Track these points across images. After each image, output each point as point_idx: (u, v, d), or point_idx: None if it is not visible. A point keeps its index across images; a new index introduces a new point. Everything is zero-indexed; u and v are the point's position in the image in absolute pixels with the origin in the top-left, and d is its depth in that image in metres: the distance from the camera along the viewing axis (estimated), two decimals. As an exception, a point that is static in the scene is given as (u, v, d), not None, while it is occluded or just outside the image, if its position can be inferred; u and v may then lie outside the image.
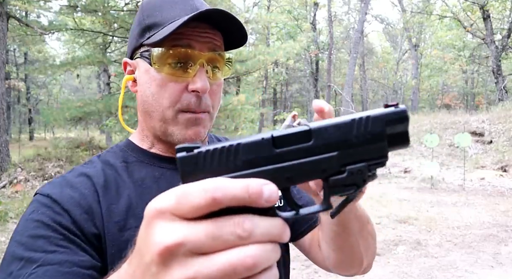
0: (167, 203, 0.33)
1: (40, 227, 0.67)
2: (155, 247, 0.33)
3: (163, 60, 0.76)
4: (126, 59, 0.87)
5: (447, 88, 35.72)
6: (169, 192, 0.34)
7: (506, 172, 11.19)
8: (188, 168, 0.37)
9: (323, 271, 4.54)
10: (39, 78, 26.84)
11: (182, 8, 0.78)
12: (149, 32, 0.79)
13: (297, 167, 0.38)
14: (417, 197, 8.55)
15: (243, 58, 12.22)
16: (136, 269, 0.37)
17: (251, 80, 27.85)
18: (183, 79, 0.77)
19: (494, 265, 4.69)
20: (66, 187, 0.74)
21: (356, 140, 0.39)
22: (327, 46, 27.30)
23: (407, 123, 0.41)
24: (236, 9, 15.64)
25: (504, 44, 19.83)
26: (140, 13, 0.83)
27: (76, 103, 10.93)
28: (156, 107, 0.79)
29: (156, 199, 0.34)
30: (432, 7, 26.21)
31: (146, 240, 0.34)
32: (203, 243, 0.32)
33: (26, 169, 10.23)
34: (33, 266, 0.62)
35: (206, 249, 0.32)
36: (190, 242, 0.32)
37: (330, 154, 0.39)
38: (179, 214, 0.33)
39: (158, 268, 0.33)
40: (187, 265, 0.32)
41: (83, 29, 12.76)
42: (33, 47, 23.03)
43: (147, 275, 0.35)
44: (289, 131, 0.39)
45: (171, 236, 0.32)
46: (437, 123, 15.52)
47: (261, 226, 0.34)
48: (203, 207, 0.32)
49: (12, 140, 19.15)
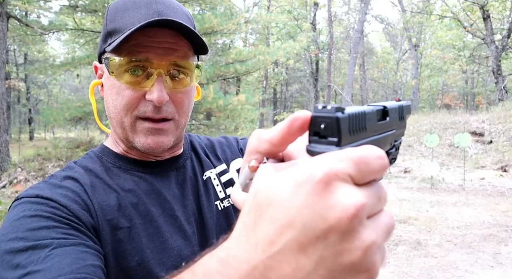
0: (345, 166, 0.31)
1: (39, 220, 0.63)
2: (345, 210, 0.30)
3: (119, 69, 0.75)
4: (95, 63, 0.86)
5: (447, 88, 35.72)
6: (338, 154, 0.32)
7: (506, 172, 11.19)
8: (345, 130, 0.35)
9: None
10: (39, 78, 26.83)
11: (144, 13, 0.75)
12: (110, 38, 0.78)
13: (385, 139, 0.44)
14: (417, 197, 8.54)
15: (243, 58, 12.23)
16: (294, 246, 0.30)
17: (251, 80, 27.87)
18: (140, 88, 0.76)
19: (494, 265, 4.69)
20: (55, 188, 0.72)
21: (400, 122, 0.48)
22: (327, 46, 27.28)
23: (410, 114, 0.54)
24: (236, 9, 15.63)
25: (504, 44, 19.82)
26: (105, 17, 0.81)
27: (76, 103, 10.93)
28: (116, 114, 0.78)
29: (329, 160, 0.31)
30: (432, 7, 26.20)
31: (322, 206, 0.30)
32: (375, 205, 0.32)
33: (26, 169, 10.23)
34: (46, 250, 0.57)
35: (373, 212, 0.32)
36: (368, 205, 0.31)
37: (394, 131, 0.46)
38: (356, 178, 0.31)
39: (342, 235, 0.30)
40: (370, 226, 0.31)
41: (83, 29, 12.75)
42: (33, 47, 23.04)
43: (318, 248, 0.30)
44: (379, 106, 0.43)
45: (357, 197, 0.30)
46: (437, 123, 15.52)
47: (384, 192, 0.35)
48: (378, 173, 0.32)
49: (12, 140, 19.15)
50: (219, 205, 0.89)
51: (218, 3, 12.32)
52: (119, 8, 0.79)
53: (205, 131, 12.23)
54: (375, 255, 0.31)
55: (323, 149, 0.34)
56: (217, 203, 0.89)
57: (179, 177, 0.87)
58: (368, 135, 0.39)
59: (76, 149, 13.33)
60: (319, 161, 0.31)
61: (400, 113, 0.48)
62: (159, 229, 0.77)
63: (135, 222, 0.76)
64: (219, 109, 10.50)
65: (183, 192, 0.85)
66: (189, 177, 0.89)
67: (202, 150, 0.97)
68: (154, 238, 0.76)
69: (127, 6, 0.78)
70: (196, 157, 0.95)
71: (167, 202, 0.81)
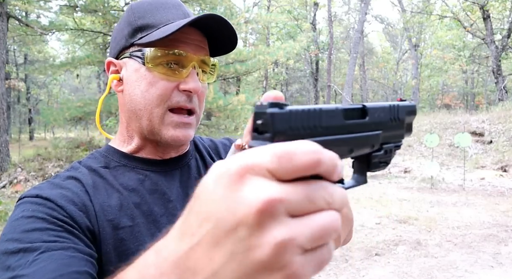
0: (264, 159, 0.30)
1: (34, 221, 0.65)
2: (252, 204, 0.29)
3: (156, 60, 0.79)
4: (110, 59, 0.87)
5: (447, 88, 35.72)
6: (261, 148, 0.31)
7: (506, 172, 11.19)
8: (280, 126, 0.34)
9: (323, 271, 4.54)
10: (39, 78, 26.83)
11: (175, 13, 0.82)
12: (141, 33, 0.81)
13: (358, 139, 0.41)
14: (417, 197, 8.54)
15: (243, 58, 12.23)
16: (205, 239, 0.31)
17: (251, 80, 27.86)
18: (175, 79, 0.80)
19: (494, 265, 4.68)
20: (56, 188, 0.73)
21: (391, 123, 0.45)
22: (327, 46, 27.29)
23: (415, 116, 0.50)
24: (236, 9, 15.63)
25: (504, 44, 19.82)
26: (130, 15, 0.84)
27: (76, 103, 10.94)
28: (145, 105, 0.80)
29: (245, 155, 0.31)
30: (432, 7, 26.20)
31: (232, 200, 0.30)
32: (300, 204, 0.31)
33: (26, 169, 10.23)
34: (35, 254, 0.59)
35: (300, 211, 0.31)
36: (289, 201, 0.30)
37: (377, 132, 0.43)
38: (276, 173, 0.30)
39: (250, 230, 0.29)
40: (286, 224, 0.30)
41: (83, 29, 12.76)
42: (33, 47, 23.04)
43: (229, 242, 0.30)
44: (354, 105, 0.41)
45: (270, 191, 0.29)
46: (437, 123, 15.52)
47: (339, 194, 0.34)
48: (306, 169, 0.31)
49: (12, 140, 19.15)
50: None
51: (218, 3, 12.32)
52: (147, 7, 0.84)
53: (205, 132, 12.24)
54: (292, 254, 0.30)
55: (257, 144, 0.34)
56: None
57: (183, 176, 0.88)
58: (329, 133, 0.37)
59: (76, 149, 13.33)
60: (241, 155, 0.31)
61: (393, 114, 0.45)
62: (162, 229, 0.78)
63: (137, 222, 0.76)
64: (219, 109, 10.50)
65: (187, 192, 0.86)
66: (193, 177, 0.89)
67: (206, 151, 0.98)
68: (157, 238, 0.76)
69: (156, 6, 0.83)
70: (201, 157, 0.96)
71: (170, 202, 0.82)
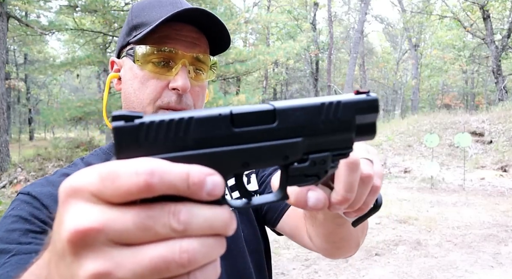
0: (87, 181, 0.28)
1: (17, 221, 0.68)
2: (65, 231, 0.27)
3: (146, 58, 0.78)
4: (113, 58, 0.89)
5: (447, 88, 35.72)
6: (91, 168, 0.29)
7: (506, 172, 11.19)
8: (126, 141, 0.30)
9: (323, 271, 4.54)
10: (39, 78, 26.83)
11: (170, 10, 0.79)
12: (135, 31, 0.82)
13: (257, 151, 0.33)
14: (417, 197, 8.54)
15: (243, 58, 12.23)
16: (52, 258, 0.31)
17: (251, 80, 27.86)
18: (164, 77, 0.79)
19: (494, 265, 4.68)
20: (47, 186, 0.76)
21: (324, 126, 0.36)
22: (327, 46, 27.29)
23: (377, 113, 0.38)
24: (236, 9, 15.63)
25: (504, 44, 19.82)
26: (129, 14, 0.86)
27: (76, 103, 10.94)
28: (137, 104, 0.80)
29: (74, 175, 0.29)
30: (432, 7, 26.20)
31: (58, 224, 0.29)
32: (128, 232, 0.27)
33: (26, 169, 10.23)
34: (7, 256, 0.62)
35: (132, 240, 0.28)
36: (112, 229, 0.27)
37: (295, 140, 0.35)
38: (101, 196, 0.28)
39: (70, 258, 0.28)
40: (104, 255, 0.27)
41: (83, 29, 12.76)
42: (33, 48, 23.04)
43: (61, 265, 0.29)
44: (252, 108, 0.34)
45: (86, 219, 0.27)
46: (437, 123, 15.52)
47: (201, 217, 0.29)
48: (133, 192, 0.27)
49: (12, 140, 19.14)
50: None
51: (218, 3, 12.32)
52: (145, 5, 0.83)
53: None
54: None
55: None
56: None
57: None
58: (206, 145, 0.31)
59: (76, 149, 13.33)
60: (73, 175, 0.29)
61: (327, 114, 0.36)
62: None
63: None
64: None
65: None
66: None
67: None
68: None
69: (153, 4, 0.82)
70: None
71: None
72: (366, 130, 0.38)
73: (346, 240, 0.76)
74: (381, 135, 16.61)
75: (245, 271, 0.86)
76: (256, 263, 0.90)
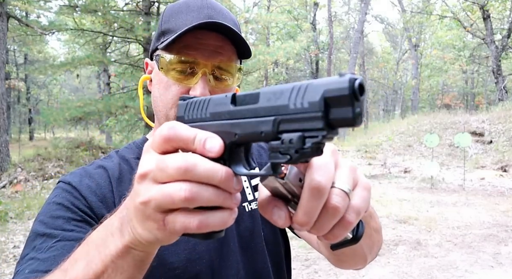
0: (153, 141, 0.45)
1: (60, 209, 0.75)
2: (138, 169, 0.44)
3: (168, 66, 0.83)
4: (147, 60, 0.94)
5: (447, 88, 35.73)
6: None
7: (506, 172, 11.19)
8: (180, 112, 0.51)
9: (323, 271, 4.54)
10: (39, 78, 26.83)
11: (196, 16, 0.82)
12: (163, 37, 0.85)
13: (243, 125, 0.42)
14: (417, 197, 8.54)
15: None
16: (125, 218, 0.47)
17: (251, 80, 27.85)
18: (185, 85, 0.83)
19: (494, 265, 4.69)
20: (85, 177, 0.82)
21: (294, 107, 0.37)
22: (327, 46, 27.28)
23: (350, 95, 0.34)
24: (236, 9, 15.62)
25: (504, 44, 19.82)
26: (160, 18, 0.89)
27: (76, 103, 10.94)
28: (162, 107, 0.85)
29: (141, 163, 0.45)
30: (432, 7, 26.20)
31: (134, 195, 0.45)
32: (154, 172, 0.41)
33: (26, 169, 10.22)
34: (53, 241, 0.69)
35: (158, 179, 0.41)
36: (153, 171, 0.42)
37: (267, 118, 0.39)
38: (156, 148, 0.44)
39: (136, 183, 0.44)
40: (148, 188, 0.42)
41: (83, 29, 12.74)
42: (33, 48, 23.04)
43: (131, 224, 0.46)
44: (247, 92, 0.43)
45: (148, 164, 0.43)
46: (437, 123, 15.52)
47: (203, 166, 0.40)
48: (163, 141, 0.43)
49: (12, 140, 19.14)
50: (246, 206, 0.91)
51: (218, 3, 12.30)
52: (174, 10, 0.86)
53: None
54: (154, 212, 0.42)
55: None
56: (245, 205, 0.91)
57: None
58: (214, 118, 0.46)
59: (76, 149, 13.31)
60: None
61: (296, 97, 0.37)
62: None
63: None
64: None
65: None
66: None
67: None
68: None
69: (181, 9, 0.85)
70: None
71: None
72: (341, 115, 0.35)
73: (349, 256, 0.77)
74: (381, 135, 16.60)
75: (263, 270, 0.88)
76: (274, 263, 0.91)
